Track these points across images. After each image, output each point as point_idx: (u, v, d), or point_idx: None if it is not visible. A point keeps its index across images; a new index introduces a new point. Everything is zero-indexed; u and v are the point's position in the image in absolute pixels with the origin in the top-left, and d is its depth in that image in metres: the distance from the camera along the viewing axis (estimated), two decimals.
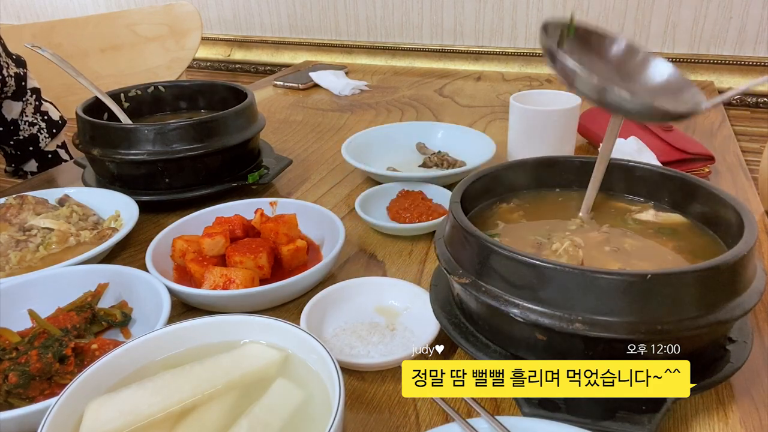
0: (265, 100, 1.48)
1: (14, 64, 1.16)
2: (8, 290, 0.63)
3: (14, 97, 1.16)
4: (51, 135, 1.22)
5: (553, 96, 0.98)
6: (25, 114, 1.18)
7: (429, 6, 1.74)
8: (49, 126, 1.22)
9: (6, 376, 0.51)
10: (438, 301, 0.59)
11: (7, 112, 1.16)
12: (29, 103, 1.19)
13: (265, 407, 0.44)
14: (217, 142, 0.88)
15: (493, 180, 0.65)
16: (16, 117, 1.17)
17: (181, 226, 0.75)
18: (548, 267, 0.46)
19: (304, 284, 0.67)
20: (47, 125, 1.21)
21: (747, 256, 0.48)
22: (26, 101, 1.18)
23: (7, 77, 1.12)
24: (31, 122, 1.19)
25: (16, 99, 1.16)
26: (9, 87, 1.14)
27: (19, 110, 1.17)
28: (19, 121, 1.17)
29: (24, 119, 1.18)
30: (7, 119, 1.16)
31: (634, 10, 1.52)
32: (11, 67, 1.14)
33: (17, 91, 1.16)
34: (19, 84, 1.16)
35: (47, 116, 1.22)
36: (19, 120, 1.17)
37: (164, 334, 0.50)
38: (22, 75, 1.17)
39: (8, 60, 1.14)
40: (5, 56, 1.13)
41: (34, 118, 1.19)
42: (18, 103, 1.16)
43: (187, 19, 1.80)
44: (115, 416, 0.43)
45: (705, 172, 0.93)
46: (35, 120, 1.20)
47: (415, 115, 1.33)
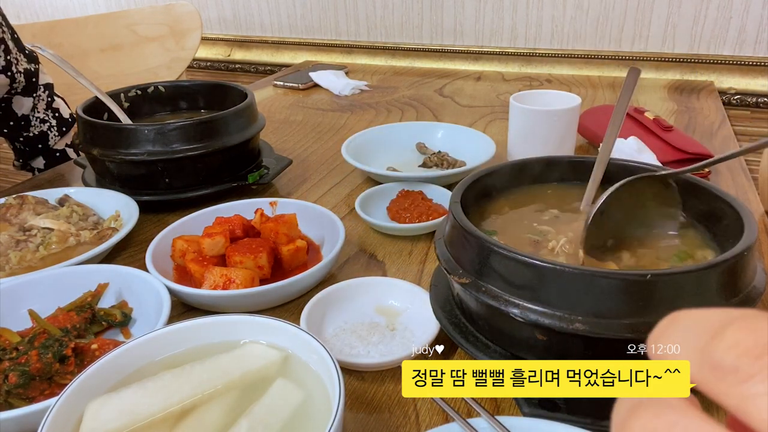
0: (265, 100, 1.48)
1: (26, 59, 1.15)
2: (8, 290, 0.63)
3: (24, 93, 1.15)
4: (60, 133, 1.22)
5: (553, 96, 0.98)
6: (36, 110, 1.17)
7: (429, 6, 1.74)
8: (59, 124, 1.21)
9: (6, 376, 0.51)
10: (438, 301, 0.59)
11: (18, 107, 1.15)
12: (41, 99, 1.18)
13: (265, 407, 0.44)
14: (217, 142, 0.88)
15: (493, 180, 0.65)
16: (27, 113, 1.16)
17: (181, 226, 0.75)
18: (548, 267, 0.46)
19: (304, 284, 0.67)
20: (57, 123, 1.21)
21: (747, 256, 0.48)
22: (38, 97, 1.17)
23: (16, 73, 1.11)
24: (42, 119, 1.18)
25: (26, 95, 1.15)
26: (19, 83, 1.13)
27: (30, 106, 1.16)
28: (30, 116, 1.16)
29: (36, 115, 1.17)
30: (18, 114, 1.15)
31: (634, 10, 1.52)
32: (22, 62, 1.13)
33: (27, 86, 1.15)
34: (29, 80, 1.15)
35: (58, 113, 1.22)
36: (31, 116, 1.16)
37: (164, 334, 0.50)
38: (33, 71, 1.16)
39: (19, 56, 1.13)
40: (16, 51, 1.12)
41: (45, 115, 1.19)
42: (29, 98, 1.16)
43: (187, 19, 1.80)
44: (115, 416, 0.43)
45: (705, 172, 0.93)
46: (46, 117, 1.19)
47: (415, 115, 1.33)
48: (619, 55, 1.58)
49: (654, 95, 1.39)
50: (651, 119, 1.05)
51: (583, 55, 1.61)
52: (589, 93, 1.43)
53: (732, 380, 0.17)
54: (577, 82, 1.54)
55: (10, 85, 1.11)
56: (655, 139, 0.98)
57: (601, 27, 1.58)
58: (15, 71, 1.11)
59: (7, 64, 1.09)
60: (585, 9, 1.57)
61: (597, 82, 1.53)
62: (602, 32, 1.58)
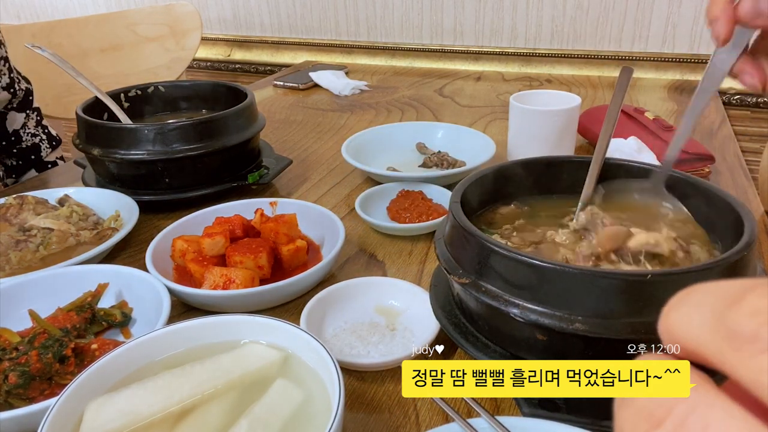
0: (265, 100, 1.48)
1: (24, 81, 1.20)
2: (8, 290, 0.63)
3: (19, 109, 1.18)
4: (51, 147, 1.25)
5: (553, 96, 0.98)
6: (27, 126, 1.21)
7: (429, 6, 1.74)
8: (49, 139, 1.25)
9: (6, 377, 0.51)
10: (438, 301, 0.59)
11: (10, 123, 1.18)
12: (31, 118, 1.22)
13: (265, 407, 0.44)
14: (217, 142, 0.88)
15: (493, 180, 0.65)
16: (18, 128, 1.19)
17: (181, 226, 0.75)
18: (548, 267, 0.46)
19: (304, 284, 0.67)
20: (48, 138, 1.25)
21: (747, 256, 0.48)
22: (29, 116, 1.21)
23: (18, 91, 1.15)
24: (33, 133, 1.22)
25: (20, 110, 1.19)
26: (17, 99, 1.17)
27: (21, 122, 1.19)
28: (21, 132, 1.20)
29: (27, 131, 1.21)
30: (9, 131, 1.18)
31: (634, 10, 1.52)
32: (22, 82, 1.18)
33: (23, 102, 1.19)
34: (26, 98, 1.19)
35: (47, 131, 1.26)
36: (21, 131, 1.20)
37: (164, 334, 0.50)
38: (30, 90, 1.21)
39: (19, 76, 1.18)
40: (16, 72, 1.17)
41: (36, 131, 1.23)
42: (21, 114, 1.19)
43: (187, 19, 1.80)
44: (115, 416, 0.43)
45: (705, 172, 0.93)
46: (37, 132, 1.23)
47: (415, 115, 1.33)
48: (619, 55, 1.58)
49: (654, 95, 1.39)
50: (651, 119, 1.05)
51: (583, 55, 1.61)
52: (589, 93, 1.43)
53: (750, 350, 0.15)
54: (577, 82, 1.54)
55: (9, 101, 1.15)
56: (655, 139, 0.98)
57: (601, 27, 1.58)
58: (17, 88, 1.15)
59: (10, 81, 1.13)
60: (585, 9, 1.57)
61: (597, 82, 1.53)
62: (602, 32, 1.58)
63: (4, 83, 1.11)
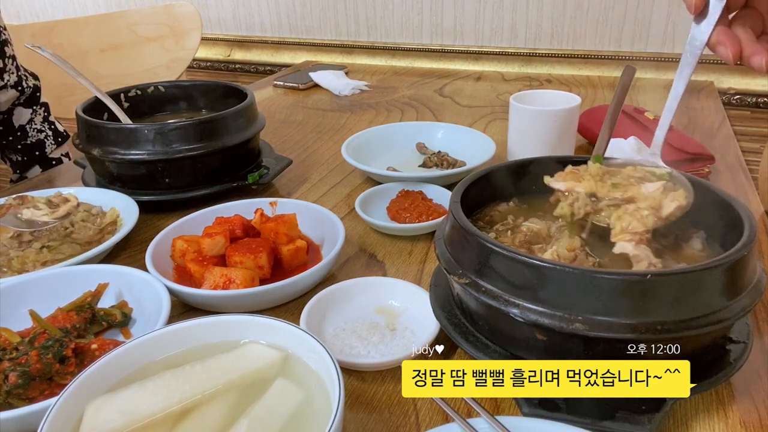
0: (265, 100, 1.48)
1: (32, 77, 1.21)
2: (8, 290, 0.63)
3: (26, 104, 1.20)
4: (57, 143, 1.26)
5: (553, 96, 0.98)
6: (33, 122, 1.22)
7: (429, 6, 1.74)
8: (55, 135, 1.26)
9: (6, 377, 0.51)
10: (438, 301, 0.59)
11: (17, 119, 1.19)
12: (38, 113, 1.23)
13: (265, 407, 0.44)
14: (217, 142, 0.88)
15: (493, 180, 0.65)
16: (24, 123, 1.20)
17: (181, 226, 0.75)
18: (548, 267, 0.46)
19: (304, 284, 0.67)
20: (53, 134, 1.26)
21: (747, 256, 0.48)
22: (35, 111, 1.22)
23: (26, 88, 1.17)
24: (39, 129, 1.23)
25: (27, 106, 1.20)
26: (24, 96, 1.18)
27: (28, 117, 1.20)
28: (27, 127, 1.21)
29: (33, 126, 1.22)
30: (15, 126, 1.20)
31: (634, 10, 1.52)
32: (30, 79, 1.20)
33: (30, 98, 1.20)
34: (33, 94, 1.20)
35: (54, 127, 1.27)
36: (28, 127, 1.21)
37: (164, 334, 0.50)
38: (38, 87, 1.22)
39: (26, 73, 1.19)
40: (23, 70, 1.18)
41: (42, 126, 1.24)
42: (28, 110, 1.20)
43: (187, 19, 1.80)
44: (115, 416, 0.43)
45: (705, 172, 0.93)
46: (43, 128, 1.24)
47: (415, 115, 1.33)
48: (619, 55, 1.58)
49: (654, 95, 1.39)
50: (651, 119, 1.04)
51: (583, 55, 1.61)
52: (589, 93, 1.43)
53: None
54: (577, 82, 1.54)
55: (17, 98, 1.17)
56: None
57: (601, 27, 1.58)
58: (25, 86, 1.17)
59: (18, 79, 1.15)
60: (585, 9, 1.57)
61: (597, 82, 1.53)
62: (602, 32, 1.58)
63: (12, 81, 1.11)
